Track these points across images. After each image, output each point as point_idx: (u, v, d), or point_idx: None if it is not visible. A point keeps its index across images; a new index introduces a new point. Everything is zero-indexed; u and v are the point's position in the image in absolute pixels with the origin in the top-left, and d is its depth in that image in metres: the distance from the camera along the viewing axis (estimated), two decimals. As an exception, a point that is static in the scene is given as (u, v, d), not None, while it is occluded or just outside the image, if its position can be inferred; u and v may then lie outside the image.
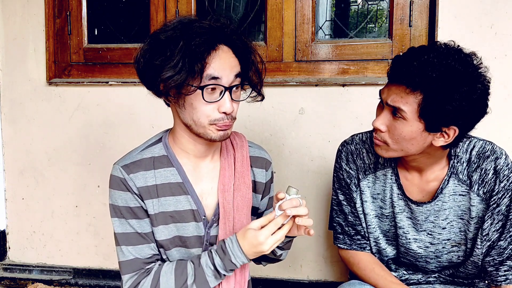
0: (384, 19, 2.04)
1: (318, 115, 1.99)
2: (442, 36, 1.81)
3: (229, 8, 2.15)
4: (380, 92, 1.21)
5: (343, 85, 1.96)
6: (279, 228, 1.11)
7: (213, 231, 1.23)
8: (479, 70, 1.11)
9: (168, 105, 1.22)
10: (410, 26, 1.94)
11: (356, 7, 2.11)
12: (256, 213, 1.33)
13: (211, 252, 1.14)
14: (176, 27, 1.09)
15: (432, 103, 1.09)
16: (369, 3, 2.06)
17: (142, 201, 1.17)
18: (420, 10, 1.93)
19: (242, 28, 2.12)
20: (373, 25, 2.08)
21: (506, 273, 1.26)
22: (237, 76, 1.12)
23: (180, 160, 1.20)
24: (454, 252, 1.32)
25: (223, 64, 1.08)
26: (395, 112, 1.15)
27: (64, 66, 2.23)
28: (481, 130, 1.31)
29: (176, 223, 1.19)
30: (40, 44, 2.19)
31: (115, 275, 2.24)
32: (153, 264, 1.19)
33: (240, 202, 1.24)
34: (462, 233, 1.30)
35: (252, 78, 1.17)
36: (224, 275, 1.14)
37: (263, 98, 1.22)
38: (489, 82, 1.13)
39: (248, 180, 1.26)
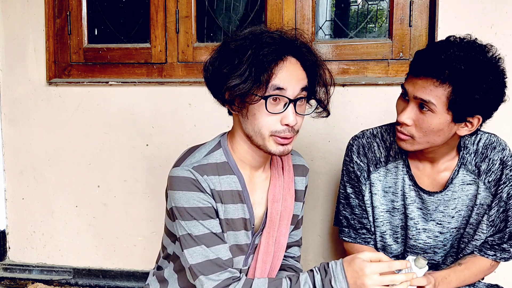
0: (384, 19, 2.04)
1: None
2: (442, 36, 1.80)
3: (229, 8, 2.15)
4: (403, 86, 1.23)
5: (343, 85, 1.96)
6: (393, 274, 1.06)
7: (256, 239, 1.25)
8: (499, 60, 1.18)
9: (231, 114, 1.21)
10: (410, 26, 1.94)
11: (356, 7, 2.11)
12: (295, 221, 1.35)
13: (311, 271, 1.11)
14: (247, 37, 1.10)
15: (461, 94, 1.13)
16: (369, 3, 2.06)
17: (215, 202, 1.15)
18: (420, 10, 1.93)
19: (242, 28, 2.12)
20: (373, 25, 2.08)
21: (495, 252, 1.34)
22: (303, 89, 1.11)
23: (239, 169, 1.20)
24: (454, 236, 1.38)
25: (289, 76, 1.08)
26: (422, 105, 1.17)
27: (64, 66, 2.23)
28: (482, 129, 1.32)
29: (230, 231, 1.19)
30: (40, 44, 2.19)
31: (115, 275, 2.24)
32: (234, 270, 1.15)
33: (284, 212, 1.25)
34: (464, 219, 1.35)
35: (318, 93, 1.16)
36: None
37: (328, 114, 1.20)
38: (505, 70, 1.20)
39: (292, 190, 1.27)
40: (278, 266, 1.30)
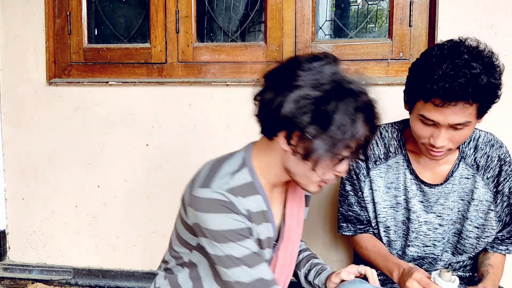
0: (384, 19, 2.04)
1: (318, 115, 1.99)
2: (442, 36, 1.81)
3: (229, 8, 2.15)
4: (423, 116, 1.21)
5: (343, 85, 1.96)
6: None
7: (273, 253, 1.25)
8: (492, 52, 1.21)
9: (269, 136, 1.12)
10: (410, 26, 1.94)
11: (356, 7, 2.11)
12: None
13: None
14: (334, 91, 1.07)
15: (488, 100, 1.19)
16: (369, 3, 2.06)
17: (251, 223, 1.12)
18: (420, 10, 1.93)
19: (242, 28, 2.13)
20: (373, 25, 2.08)
21: (507, 246, 1.40)
22: None
23: (263, 188, 1.16)
24: (451, 229, 1.41)
25: None
26: (457, 125, 1.20)
27: (64, 66, 2.23)
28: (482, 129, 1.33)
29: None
30: (40, 44, 2.19)
31: (115, 275, 2.24)
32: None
33: (297, 225, 1.27)
34: (459, 213, 1.39)
35: None
36: None
37: None
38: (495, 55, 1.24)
39: (303, 201, 1.28)
40: (291, 274, 1.32)
